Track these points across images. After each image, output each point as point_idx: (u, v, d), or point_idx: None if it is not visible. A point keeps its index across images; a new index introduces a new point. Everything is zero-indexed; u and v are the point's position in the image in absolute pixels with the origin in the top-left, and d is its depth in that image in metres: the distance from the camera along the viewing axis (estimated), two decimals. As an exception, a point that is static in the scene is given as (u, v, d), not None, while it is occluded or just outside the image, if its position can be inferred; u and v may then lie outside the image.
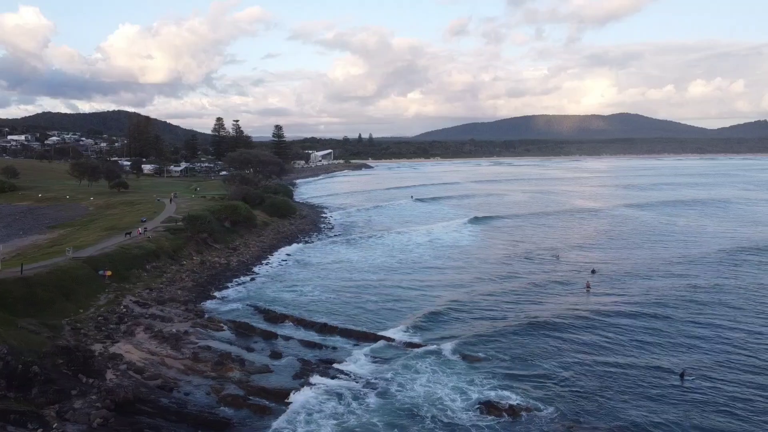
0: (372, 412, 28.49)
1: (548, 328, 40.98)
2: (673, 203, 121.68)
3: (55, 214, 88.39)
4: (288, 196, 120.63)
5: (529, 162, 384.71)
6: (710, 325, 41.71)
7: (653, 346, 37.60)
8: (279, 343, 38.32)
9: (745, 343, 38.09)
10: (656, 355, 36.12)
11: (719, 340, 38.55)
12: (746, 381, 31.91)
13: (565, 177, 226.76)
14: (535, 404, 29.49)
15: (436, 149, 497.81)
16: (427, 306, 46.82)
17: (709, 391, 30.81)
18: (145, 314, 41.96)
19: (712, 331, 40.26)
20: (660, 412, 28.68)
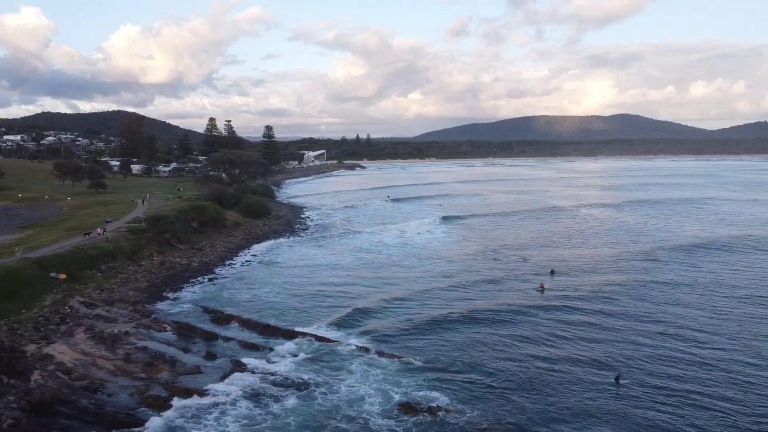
0: (288, 412, 28.53)
1: (490, 329, 41.10)
2: (652, 203, 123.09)
3: (29, 215, 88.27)
4: (269, 197, 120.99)
5: (523, 163, 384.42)
6: (658, 322, 42.16)
7: (594, 348, 37.49)
8: (218, 344, 38.34)
9: (687, 344, 38.08)
10: (595, 356, 35.95)
11: (663, 341, 38.50)
12: (681, 389, 31.50)
13: (553, 177, 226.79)
14: (458, 405, 29.56)
15: (432, 150, 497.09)
16: (377, 307, 46.72)
17: (642, 396, 30.68)
18: (90, 315, 41.97)
19: (658, 332, 40.30)
20: (586, 416, 28.62)
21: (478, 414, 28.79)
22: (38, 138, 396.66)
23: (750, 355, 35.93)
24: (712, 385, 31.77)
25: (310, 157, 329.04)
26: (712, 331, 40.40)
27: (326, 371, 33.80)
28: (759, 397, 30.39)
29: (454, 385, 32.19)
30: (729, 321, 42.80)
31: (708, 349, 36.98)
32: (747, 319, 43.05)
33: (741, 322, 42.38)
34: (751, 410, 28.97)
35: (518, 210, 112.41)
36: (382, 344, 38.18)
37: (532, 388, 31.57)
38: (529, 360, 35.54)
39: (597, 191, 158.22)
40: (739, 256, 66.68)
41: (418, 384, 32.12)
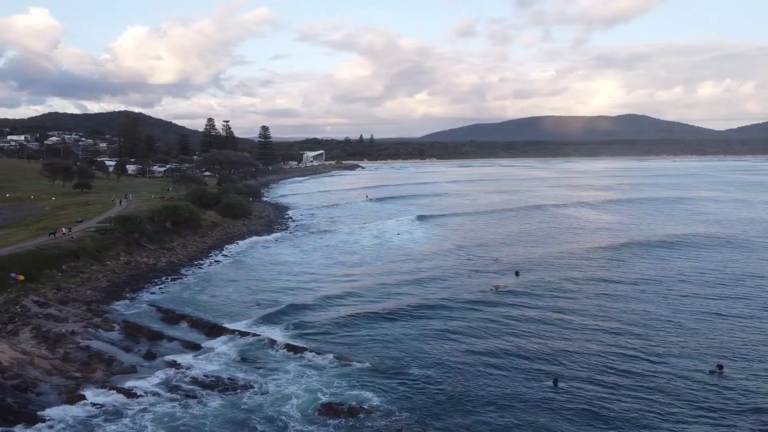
0: (209, 412, 28.62)
1: (438, 330, 40.81)
2: (636, 202, 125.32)
3: (9, 215, 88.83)
4: (255, 197, 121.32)
5: (522, 163, 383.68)
6: (609, 320, 41.93)
7: (537, 350, 37.14)
8: (162, 344, 38.50)
9: (633, 342, 37.99)
10: (538, 358, 35.71)
11: (609, 340, 38.39)
12: (620, 391, 31.28)
13: (547, 177, 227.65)
14: (387, 406, 29.42)
15: (433, 150, 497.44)
16: (331, 307, 46.66)
17: (577, 399, 30.46)
18: (40, 314, 42.21)
19: (606, 330, 40.23)
20: (516, 417, 28.48)
21: (405, 416, 28.62)
22: (42, 138, 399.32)
23: (698, 354, 35.90)
24: (654, 386, 31.58)
25: (308, 157, 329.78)
26: (663, 330, 40.48)
27: (261, 371, 33.92)
28: (704, 394, 30.60)
29: (390, 385, 32.07)
30: (681, 318, 42.90)
31: (655, 348, 36.91)
32: (701, 316, 43.16)
33: (695, 320, 42.47)
34: (696, 408, 29.12)
35: (502, 209, 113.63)
36: (327, 344, 38.24)
37: (466, 391, 31.17)
38: (471, 362, 35.34)
39: (585, 191, 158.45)
40: (708, 253, 66.98)
41: (353, 384, 32.10)
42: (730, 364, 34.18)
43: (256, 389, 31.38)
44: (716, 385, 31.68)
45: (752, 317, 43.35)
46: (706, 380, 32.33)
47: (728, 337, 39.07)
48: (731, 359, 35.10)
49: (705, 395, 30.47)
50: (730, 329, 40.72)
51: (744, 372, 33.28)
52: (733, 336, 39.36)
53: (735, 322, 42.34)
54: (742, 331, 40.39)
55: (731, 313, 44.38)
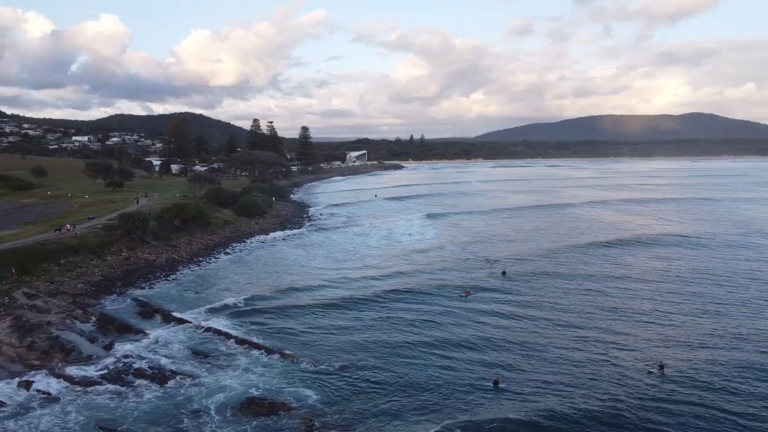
0: (139, 403, 30.01)
1: (400, 333, 40.71)
2: (654, 201, 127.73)
3: (41, 211, 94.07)
4: (280, 196, 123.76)
5: (569, 163, 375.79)
6: (569, 326, 41.03)
7: (487, 352, 36.99)
8: (127, 336, 40.23)
9: (579, 344, 37.27)
10: (485, 361, 35.55)
11: (555, 343, 37.73)
12: (561, 392, 31.00)
13: (585, 177, 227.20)
14: (319, 405, 29.82)
15: (482, 150, 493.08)
16: (307, 307, 47.10)
17: (515, 399, 30.44)
18: (26, 305, 44.81)
19: (556, 332, 39.64)
20: (451, 419, 28.37)
21: (336, 417, 28.67)
22: (104, 139, 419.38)
23: (642, 353, 34.93)
24: (594, 386, 31.23)
25: (351, 157, 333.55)
26: (615, 328, 40.28)
27: (208, 364, 35.10)
28: (644, 393, 30.25)
29: (333, 384, 32.42)
30: (636, 316, 42.82)
31: (602, 347, 36.38)
32: (655, 315, 42.75)
33: (649, 318, 42.20)
34: (635, 407, 28.85)
35: (517, 207, 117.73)
36: (284, 342, 38.98)
37: (406, 392, 31.40)
38: (422, 362, 35.57)
39: (610, 191, 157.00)
40: (702, 252, 68.18)
41: (294, 381, 32.66)
42: (671, 363, 33.85)
43: (195, 382, 32.55)
44: (657, 384, 31.41)
45: (697, 316, 43.45)
46: (646, 379, 32.00)
47: (673, 336, 38.82)
48: (674, 358, 34.75)
49: (645, 394, 30.11)
50: (676, 328, 40.48)
51: (684, 371, 32.91)
52: (678, 335, 39.11)
53: (682, 320, 42.34)
54: (686, 330, 40.11)
55: (681, 311, 44.76)
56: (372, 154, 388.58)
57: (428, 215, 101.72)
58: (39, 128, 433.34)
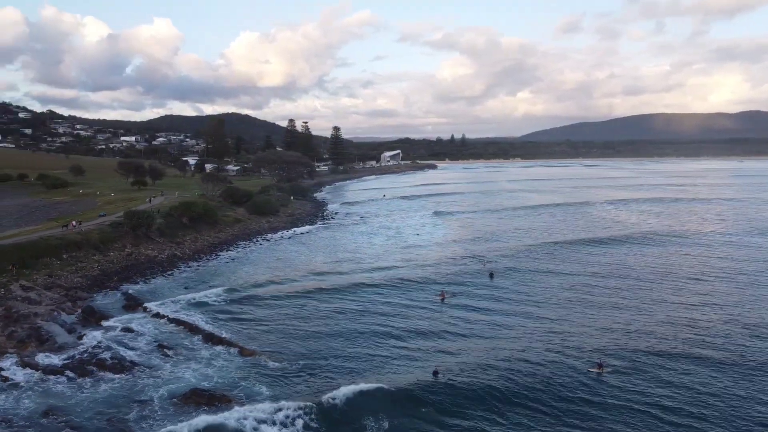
0: (94, 392, 31.38)
1: (370, 336, 40.80)
2: (670, 201, 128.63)
3: (68, 208, 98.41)
4: (299, 195, 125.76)
5: (609, 163, 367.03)
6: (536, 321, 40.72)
7: (439, 350, 37.19)
8: (104, 327, 41.99)
9: (523, 342, 36.93)
10: (424, 356, 35.91)
11: (502, 343, 37.49)
12: (500, 389, 31.12)
13: (618, 177, 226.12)
14: (259, 396, 30.80)
15: (522, 150, 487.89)
16: (286, 306, 47.79)
17: (452, 390, 30.95)
18: (20, 297, 47.31)
19: (509, 331, 39.39)
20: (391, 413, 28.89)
21: (271, 408, 29.63)
22: (150, 139, 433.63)
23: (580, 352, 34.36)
24: (531, 386, 31.21)
25: (385, 157, 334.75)
26: (563, 329, 39.05)
27: (171, 357, 36.36)
28: (581, 392, 30.29)
29: (288, 380, 33.06)
30: (581, 315, 42.38)
31: (544, 346, 35.85)
32: (597, 315, 41.19)
33: (589, 318, 40.89)
34: (572, 406, 28.95)
35: (530, 206, 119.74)
36: (255, 338, 39.85)
37: (350, 386, 31.42)
38: (379, 355, 36.27)
39: (634, 191, 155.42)
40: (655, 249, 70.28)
41: (250, 376, 33.36)
42: (610, 362, 33.83)
43: (152, 373, 33.89)
44: (594, 384, 31.31)
45: (637, 316, 43.17)
46: (584, 379, 31.87)
47: (613, 337, 38.56)
48: (613, 358, 34.64)
49: (583, 394, 30.16)
50: (616, 328, 40.16)
51: (622, 370, 32.93)
52: (618, 335, 38.85)
53: (624, 320, 42.19)
54: (628, 330, 39.85)
55: (624, 309, 45.02)
56: (411, 154, 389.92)
57: (436, 213, 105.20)
58: (90, 129, 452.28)
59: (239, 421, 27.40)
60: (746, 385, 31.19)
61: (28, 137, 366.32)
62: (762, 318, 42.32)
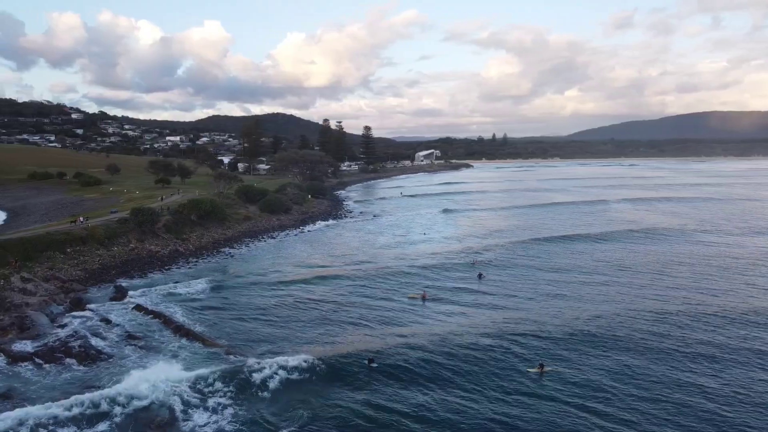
0: (54, 378, 33.04)
1: (329, 324, 42.22)
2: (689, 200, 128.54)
3: (92, 205, 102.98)
4: (317, 194, 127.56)
5: (650, 164, 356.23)
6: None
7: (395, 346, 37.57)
8: (86, 315, 44.24)
9: (465, 341, 37.04)
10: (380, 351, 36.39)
11: (447, 341, 37.56)
12: (437, 387, 31.54)
13: (651, 176, 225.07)
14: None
15: (564, 149, 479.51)
16: (268, 304, 48.65)
17: (386, 378, 32.01)
18: (17, 287, 50.11)
19: (462, 330, 39.31)
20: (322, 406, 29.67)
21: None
22: (194, 139, 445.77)
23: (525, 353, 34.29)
24: (470, 386, 31.41)
25: (419, 156, 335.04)
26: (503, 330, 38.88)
27: (138, 348, 37.99)
28: (522, 393, 30.31)
29: (246, 376, 34.00)
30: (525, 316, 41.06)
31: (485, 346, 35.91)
32: (544, 314, 40.67)
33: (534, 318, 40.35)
34: (513, 407, 29.00)
35: (542, 204, 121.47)
36: (226, 333, 40.65)
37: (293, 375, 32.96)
38: (331, 345, 37.10)
39: (652, 191, 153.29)
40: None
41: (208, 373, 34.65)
42: (552, 363, 33.78)
43: (112, 362, 35.54)
44: (535, 385, 31.31)
45: (582, 317, 42.58)
46: (525, 380, 31.89)
47: (557, 337, 38.34)
48: (553, 359, 34.62)
49: (523, 394, 30.20)
50: (561, 328, 39.82)
51: (563, 371, 32.77)
52: (562, 336, 38.59)
53: (567, 320, 41.84)
54: (571, 331, 39.46)
55: (571, 309, 44.67)
56: (448, 153, 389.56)
57: (446, 210, 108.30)
58: (138, 129, 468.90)
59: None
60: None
61: (80, 137, 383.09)
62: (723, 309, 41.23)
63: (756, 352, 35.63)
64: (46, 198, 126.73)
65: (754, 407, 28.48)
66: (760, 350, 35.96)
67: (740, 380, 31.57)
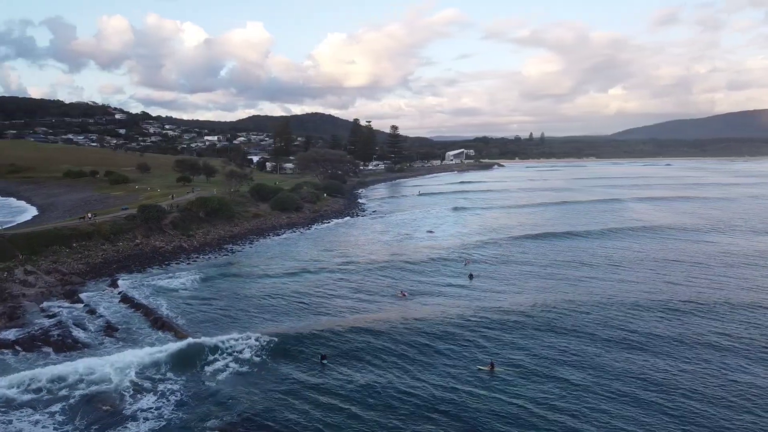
0: (29, 366, 35.10)
1: (307, 319, 43.32)
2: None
3: (113, 202, 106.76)
4: (334, 192, 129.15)
5: (692, 163, 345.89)
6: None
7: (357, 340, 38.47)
8: (75, 307, 46.50)
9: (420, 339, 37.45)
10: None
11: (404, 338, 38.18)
12: (388, 382, 32.44)
13: (677, 176, 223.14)
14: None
15: (603, 149, 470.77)
16: (254, 301, 50.43)
17: (339, 372, 32.99)
18: (18, 279, 52.90)
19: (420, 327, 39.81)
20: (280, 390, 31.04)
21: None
22: (232, 138, 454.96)
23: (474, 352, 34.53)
24: (422, 385, 31.88)
25: (449, 156, 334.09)
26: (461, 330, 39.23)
27: (113, 339, 39.82)
28: (471, 391, 30.64)
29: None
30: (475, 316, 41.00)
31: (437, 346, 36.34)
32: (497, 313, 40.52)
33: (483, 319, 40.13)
34: (461, 406, 29.36)
35: (553, 202, 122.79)
36: (198, 323, 42.69)
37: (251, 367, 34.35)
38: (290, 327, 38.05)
39: (675, 191, 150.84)
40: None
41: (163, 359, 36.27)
42: (502, 362, 34.18)
43: (84, 352, 37.30)
44: (485, 383, 31.69)
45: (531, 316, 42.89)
46: (473, 379, 32.22)
47: (506, 337, 38.63)
48: (504, 358, 35.03)
49: (472, 393, 30.53)
50: (510, 328, 40.27)
51: (512, 371, 33.12)
52: (510, 336, 38.90)
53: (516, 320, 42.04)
54: (523, 331, 39.82)
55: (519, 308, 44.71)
56: (482, 153, 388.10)
57: (456, 208, 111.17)
58: (177, 129, 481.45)
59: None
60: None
61: (122, 137, 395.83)
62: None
63: (705, 345, 35.75)
64: (75, 195, 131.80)
65: (709, 396, 28.31)
66: (709, 342, 35.66)
67: (693, 370, 31.35)
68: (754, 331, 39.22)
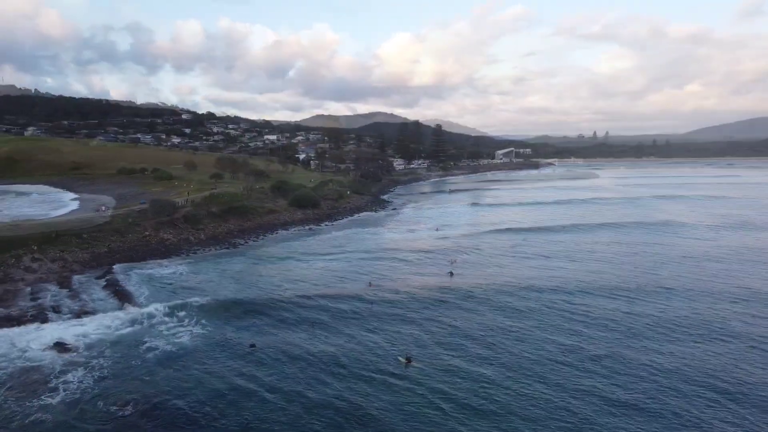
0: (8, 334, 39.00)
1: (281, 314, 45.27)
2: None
3: (149, 197, 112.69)
4: (360, 190, 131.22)
5: (753, 164, 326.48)
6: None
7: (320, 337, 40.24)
8: (63, 291, 50.42)
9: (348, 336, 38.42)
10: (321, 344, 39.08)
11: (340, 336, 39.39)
12: (309, 375, 34.10)
13: (723, 174, 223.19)
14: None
15: (667, 149, 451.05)
16: (246, 299, 52.60)
17: (271, 361, 34.90)
18: (23, 266, 57.65)
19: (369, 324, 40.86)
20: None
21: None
22: (291, 137, 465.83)
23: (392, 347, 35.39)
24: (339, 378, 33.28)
25: (499, 155, 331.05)
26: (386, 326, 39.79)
27: (81, 320, 43.25)
28: (390, 383, 31.99)
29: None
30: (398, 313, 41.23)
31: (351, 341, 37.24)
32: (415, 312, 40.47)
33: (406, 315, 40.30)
34: (378, 397, 30.70)
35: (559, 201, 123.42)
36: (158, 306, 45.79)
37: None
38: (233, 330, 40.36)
39: (707, 191, 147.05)
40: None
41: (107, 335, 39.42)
42: (419, 356, 35.19)
43: (53, 326, 40.83)
44: (402, 375, 32.84)
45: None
46: (393, 371, 33.39)
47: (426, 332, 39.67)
48: (421, 350, 36.14)
49: (390, 384, 31.74)
50: (429, 324, 41.15)
51: (428, 363, 34.17)
52: (428, 331, 39.95)
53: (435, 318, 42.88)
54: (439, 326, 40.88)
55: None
56: (540, 152, 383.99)
57: (474, 204, 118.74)
58: (238, 128, 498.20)
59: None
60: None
61: (187, 136, 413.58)
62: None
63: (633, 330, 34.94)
64: (122, 191, 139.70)
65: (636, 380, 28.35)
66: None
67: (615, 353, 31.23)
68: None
